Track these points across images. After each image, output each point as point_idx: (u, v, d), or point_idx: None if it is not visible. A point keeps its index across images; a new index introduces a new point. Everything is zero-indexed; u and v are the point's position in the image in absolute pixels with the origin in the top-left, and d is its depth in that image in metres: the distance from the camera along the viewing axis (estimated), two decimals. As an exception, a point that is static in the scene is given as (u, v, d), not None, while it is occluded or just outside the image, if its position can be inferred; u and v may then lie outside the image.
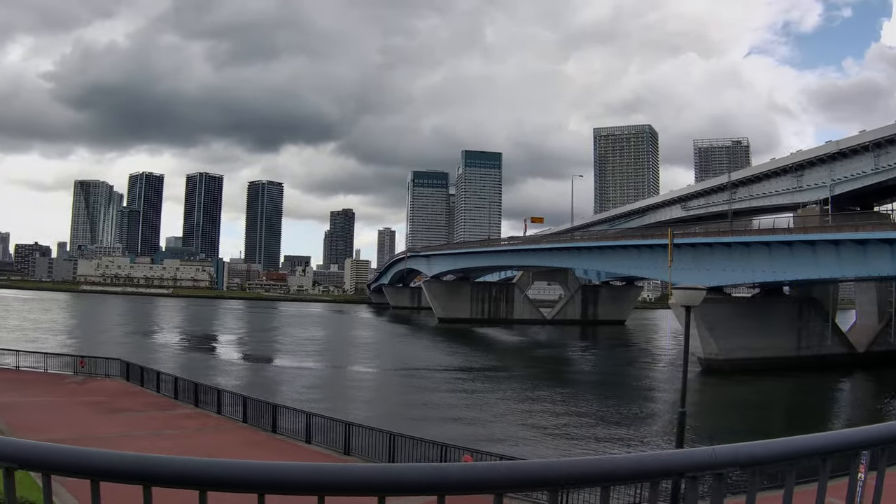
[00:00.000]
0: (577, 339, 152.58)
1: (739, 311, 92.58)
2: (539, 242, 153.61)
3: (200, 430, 39.99)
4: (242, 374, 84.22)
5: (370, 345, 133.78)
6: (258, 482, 3.11)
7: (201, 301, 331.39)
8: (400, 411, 57.98)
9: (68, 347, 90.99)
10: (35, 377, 57.15)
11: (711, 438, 51.26)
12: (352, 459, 32.94)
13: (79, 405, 45.64)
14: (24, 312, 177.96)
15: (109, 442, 33.98)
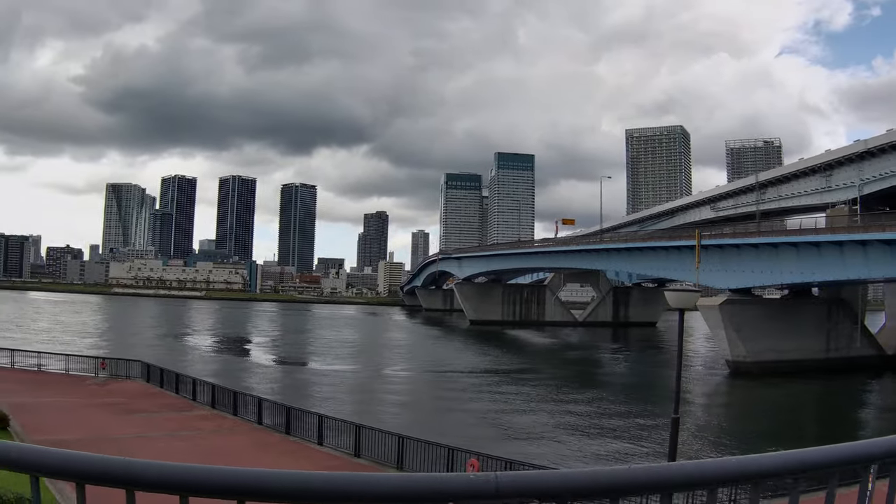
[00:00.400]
0: (608, 342, 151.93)
1: (767, 313, 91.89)
2: (568, 244, 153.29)
3: (215, 431, 40.35)
4: (276, 377, 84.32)
5: (402, 347, 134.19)
6: (179, 484, 3.23)
7: (234, 303, 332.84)
8: (431, 417, 58.12)
9: (96, 349, 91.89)
10: (56, 378, 57.72)
11: (730, 444, 51.23)
12: (361, 461, 33.48)
13: (96, 406, 46.13)
14: (53, 315, 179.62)
15: (123, 443, 34.32)
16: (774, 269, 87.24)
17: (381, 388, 77.65)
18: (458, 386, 78.48)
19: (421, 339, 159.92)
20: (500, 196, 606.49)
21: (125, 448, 32.77)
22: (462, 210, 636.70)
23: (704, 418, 63.13)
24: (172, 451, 33.48)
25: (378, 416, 55.37)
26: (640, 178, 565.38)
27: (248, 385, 71.65)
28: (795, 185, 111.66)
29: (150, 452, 32.74)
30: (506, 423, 56.36)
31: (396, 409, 62.24)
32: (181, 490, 3.23)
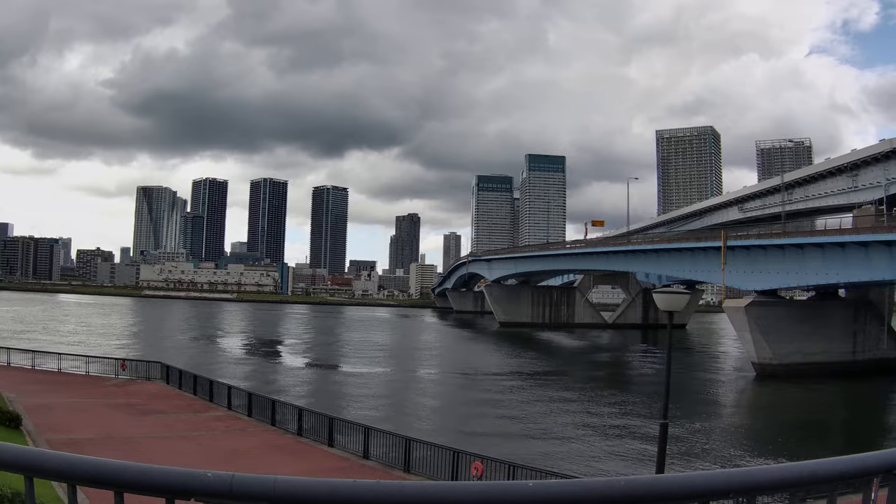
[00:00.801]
0: (638, 344, 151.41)
1: (794, 315, 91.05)
2: (595, 246, 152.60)
3: (226, 432, 40.56)
4: (308, 379, 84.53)
5: (432, 349, 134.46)
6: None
7: (265, 306, 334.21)
8: (461, 422, 57.60)
9: (124, 351, 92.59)
10: (75, 379, 58.10)
11: (753, 449, 50.89)
12: (370, 463, 33.49)
13: (111, 407, 46.42)
14: (81, 317, 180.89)
15: (133, 443, 34.95)
16: (800, 270, 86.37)
17: (412, 391, 77.58)
18: (487, 388, 78.24)
19: (450, 340, 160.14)
20: (531, 198, 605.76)
21: (135, 448, 33.55)
22: (494, 212, 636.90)
23: (729, 423, 62.54)
24: (178, 452, 33.76)
25: (407, 420, 55.72)
26: (670, 180, 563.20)
27: (279, 388, 72.26)
28: (822, 185, 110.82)
29: (157, 452, 33.50)
30: (531, 425, 56.23)
31: (426, 412, 62.31)
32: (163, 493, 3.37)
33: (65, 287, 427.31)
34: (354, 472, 31.50)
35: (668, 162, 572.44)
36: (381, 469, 32.31)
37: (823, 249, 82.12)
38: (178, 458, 32.77)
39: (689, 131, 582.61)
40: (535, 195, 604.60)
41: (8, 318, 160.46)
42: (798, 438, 53.10)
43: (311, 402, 60.68)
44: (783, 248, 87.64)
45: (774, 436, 54.82)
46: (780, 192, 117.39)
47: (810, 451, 45.24)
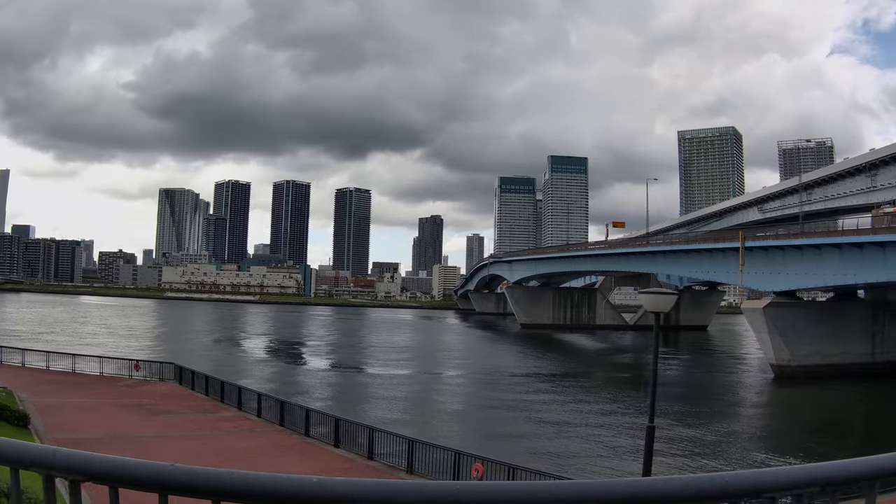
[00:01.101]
0: (665, 346, 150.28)
1: (812, 316, 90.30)
2: (614, 247, 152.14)
3: (233, 432, 40.74)
4: (332, 381, 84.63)
5: (453, 350, 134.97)
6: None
7: (288, 307, 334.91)
8: (482, 424, 58.03)
9: (142, 352, 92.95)
10: (89, 380, 58.35)
11: (771, 453, 50.59)
12: (374, 463, 33.54)
13: (121, 407, 46.60)
14: (102, 319, 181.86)
15: (140, 442, 35.05)
16: (818, 271, 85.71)
17: (433, 394, 77.39)
18: (507, 390, 77.94)
19: (472, 342, 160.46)
20: (553, 199, 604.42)
21: (140, 447, 33.58)
22: (516, 213, 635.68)
23: (743, 425, 62.14)
24: (183, 452, 33.98)
25: (429, 422, 55.85)
26: (692, 181, 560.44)
27: (302, 390, 72.66)
28: (841, 185, 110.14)
29: (162, 452, 33.61)
30: (550, 427, 56.18)
31: (448, 415, 62.18)
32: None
33: (86, 289, 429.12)
34: (358, 472, 31.60)
35: (691, 163, 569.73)
36: (384, 470, 32.36)
37: (841, 250, 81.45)
38: (181, 457, 31.72)
39: (710, 132, 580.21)
40: (558, 196, 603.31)
41: (27, 320, 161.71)
42: (812, 441, 52.62)
43: (333, 405, 61.72)
44: (801, 249, 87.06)
45: (789, 438, 54.61)
46: (798, 193, 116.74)
47: (825, 454, 44.95)
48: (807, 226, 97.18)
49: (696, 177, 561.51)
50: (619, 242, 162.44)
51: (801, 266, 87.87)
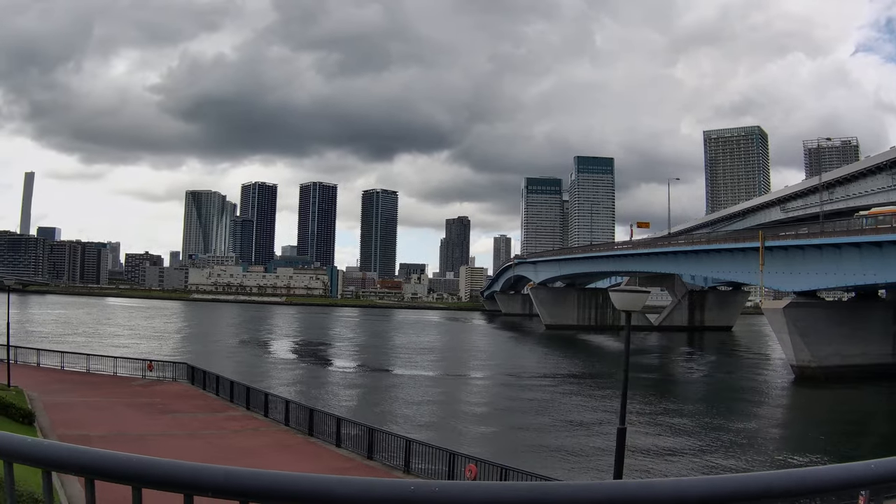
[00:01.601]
0: (683, 346, 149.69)
1: (832, 317, 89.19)
2: (636, 247, 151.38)
3: (238, 431, 41.09)
4: (358, 383, 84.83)
5: (478, 352, 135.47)
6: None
7: (315, 309, 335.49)
8: (509, 431, 57.43)
9: (165, 353, 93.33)
10: (102, 380, 58.98)
11: (782, 454, 50.16)
12: (373, 463, 33.84)
13: (131, 406, 47.06)
14: (127, 320, 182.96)
15: (143, 440, 35.68)
16: (838, 270, 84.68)
17: (458, 395, 77.24)
18: (530, 391, 77.92)
19: (496, 343, 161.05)
20: (580, 200, 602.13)
21: (143, 445, 34.11)
22: (543, 214, 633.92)
23: (763, 427, 61.40)
24: (185, 449, 34.42)
25: (454, 426, 55.85)
26: (718, 181, 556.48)
27: (330, 392, 73.35)
28: (863, 183, 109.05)
29: (163, 450, 33.64)
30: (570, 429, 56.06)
31: (471, 419, 61.76)
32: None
33: (112, 291, 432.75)
34: (358, 471, 31.90)
35: (716, 163, 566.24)
36: (382, 469, 32.74)
37: (860, 249, 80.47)
38: (180, 455, 32.51)
39: (736, 131, 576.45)
40: (584, 197, 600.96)
41: (50, 321, 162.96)
42: (831, 444, 52.06)
43: (360, 407, 63.00)
44: (820, 248, 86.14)
45: (804, 441, 54.02)
46: (823, 191, 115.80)
47: (840, 456, 44.56)
48: (826, 225, 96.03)
49: (721, 177, 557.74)
50: (641, 243, 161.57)
51: (820, 266, 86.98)
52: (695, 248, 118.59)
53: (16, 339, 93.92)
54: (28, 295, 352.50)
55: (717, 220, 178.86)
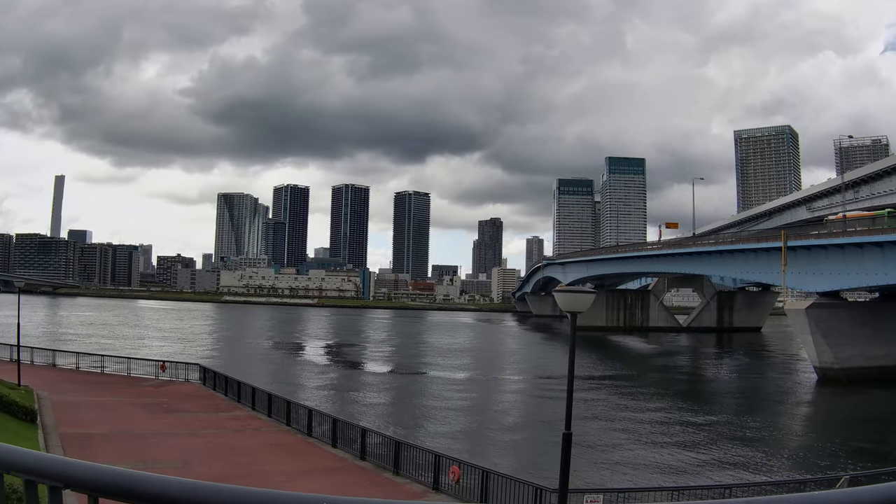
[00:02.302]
0: (712, 348, 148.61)
1: (855, 317, 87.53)
2: (660, 248, 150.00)
3: (239, 430, 41.41)
4: (391, 385, 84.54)
5: (510, 353, 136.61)
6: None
7: (347, 311, 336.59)
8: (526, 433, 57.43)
9: (187, 356, 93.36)
10: (115, 380, 59.35)
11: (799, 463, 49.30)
12: (366, 463, 34.07)
13: (137, 405, 47.26)
14: (156, 322, 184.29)
15: (143, 438, 36.47)
16: (860, 270, 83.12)
17: (482, 400, 75.88)
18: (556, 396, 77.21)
19: (525, 346, 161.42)
20: (611, 200, 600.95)
21: (141, 443, 35.27)
22: (575, 215, 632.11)
23: (782, 431, 60.20)
24: (180, 448, 35.20)
25: (479, 432, 55.83)
26: (749, 180, 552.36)
27: (361, 396, 73.24)
28: (888, 182, 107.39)
29: (160, 448, 35.03)
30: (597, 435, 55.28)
31: (497, 426, 60.91)
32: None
33: (143, 293, 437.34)
34: (347, 471, 32.58)
35: (747, 162, 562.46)
36: (373, 469, 32.98)
37: (882, 248, 78.96)
38: (175, 453, 34.25)
39: (766, 131, 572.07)
40: (616, 198, 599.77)
41: (76, 323, 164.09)
42: (851, 450, 50.98)
43: (391, 411, 63.57)
44: (843, 248, 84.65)
45: (826, 446, 52.99)
46: (848, 190, 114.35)
47: (859, 465, 43.78)
48: (849, 224, 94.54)
49: (752, 176, 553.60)
50: (665, 243, 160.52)
51: (843, 266, 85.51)
52: (718, 248, 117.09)
53: (37, 340, 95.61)
54: (58, 297, 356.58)
55: (744, 220, 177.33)
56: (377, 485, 30.62)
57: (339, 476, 32.05)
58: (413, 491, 29.68)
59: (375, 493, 29.18)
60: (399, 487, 30.22)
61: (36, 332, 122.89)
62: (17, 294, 71.06)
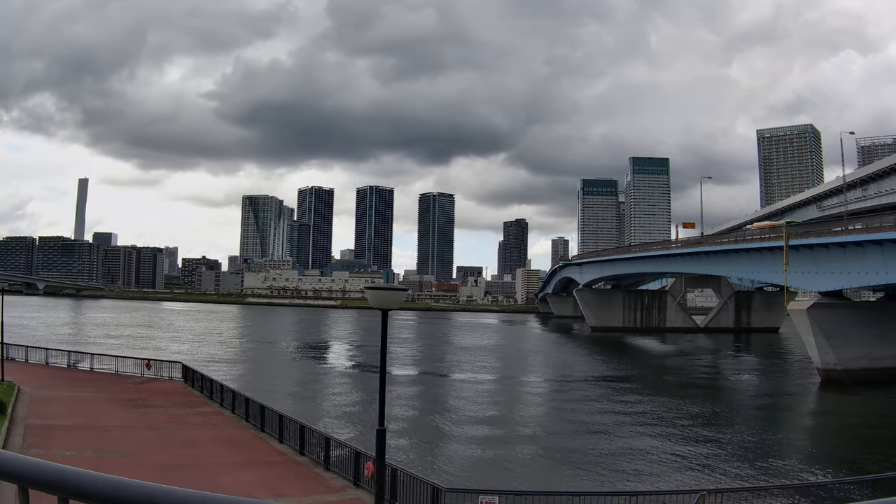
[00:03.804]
0: (729, 349, 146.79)
1: (859, 318, 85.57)
2: (669, 248, 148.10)
3: (199, 425, 42.54)
4: (415, 388, 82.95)
5: (523, 355, 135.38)
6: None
7: (370, 312, 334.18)
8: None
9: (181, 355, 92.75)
10: (102, 377, 61.51)
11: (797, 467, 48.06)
12: (303, 459, 34.76)
13: (112, 401, 48.83)
14: (173, 322, 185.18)
15: (103, 431, 38.20)
16: (861, 269, 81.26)
17: (504, 399, 75.93)
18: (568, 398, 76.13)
19: (540, 346, 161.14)
20: (636, 201, 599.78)
21: (99, 435, 37.19)
22: (599, 216, 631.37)
23: (758, 435, 58.34)
24: (135, 440, 36.50)
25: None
26: (772, 180, 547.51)
27: (388, 399, 71.58)
28: (894, 179, 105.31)
29: (116, 439, 36.62)
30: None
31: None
32: None
33: (167, 295, 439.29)
34: (283, 465, 33.57)
35: (770, 162, 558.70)
36: (308, 464, 33.79)
37: (882, 247, 77.08)
38: (129, 444, 35.57)
39: (788, 130, 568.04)
40: (640, 198, 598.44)
41: (89, 324, 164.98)
42: (851, 457, 49.54)
43: (411, 413, 63.33)
44: (844, 247, 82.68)
45: (835, 449, 51.64)
46: (856, 188, 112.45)
47: (807, 474, 42.68)
48: (849, 222, 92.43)
49: (775, 175, 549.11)
50: (669, 243, 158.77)
51: (844, 265, 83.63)
52: (724, 247, 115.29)
53: (40, 340, 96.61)
54: (81, 300, 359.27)
55: (757, 218, 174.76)
56: (303, 478, 31.28)
57: (273, 469, 32.76)
58: (336, 485, 30.23)
59: (298, 485, 30.03)
60: (323, 481, 30.94)
61: (44, 333, 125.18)
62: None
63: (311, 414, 52.85)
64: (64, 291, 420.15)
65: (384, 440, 20.84)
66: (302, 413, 46.25)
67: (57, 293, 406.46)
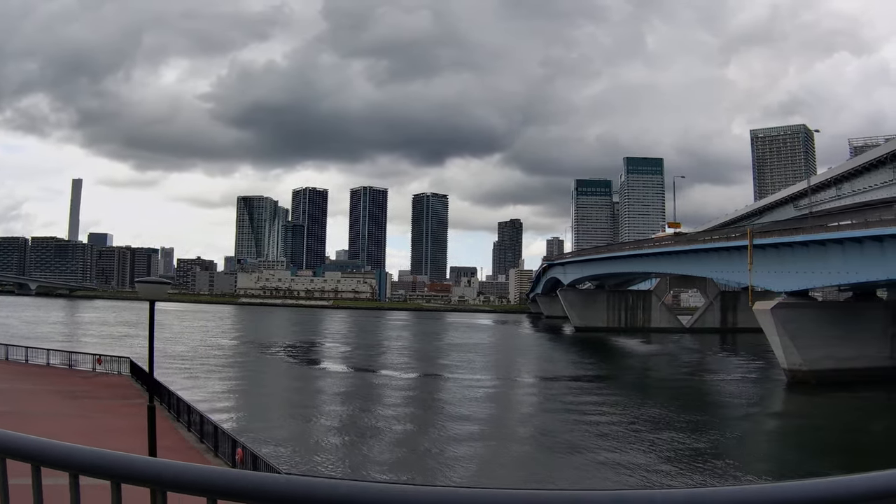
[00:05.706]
0: (714, 349, 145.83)
1: (824, 318, 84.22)
2: (640, 248, 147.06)
3: (124, 416, 42.97)
4: (409, 387, 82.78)
5: (502, 355, 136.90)
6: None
7: (361, 312, 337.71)
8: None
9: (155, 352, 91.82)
10: (55, 371, 64.07)
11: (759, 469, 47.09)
12: (201, 446, 36.69)
13: (55, 392, 50.44)
14: (163, 321, 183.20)
15: (28, 418, 37.82)
16: (823, 269, 79.97)
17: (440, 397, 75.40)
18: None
19: (524, 345, 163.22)
20: (630, 201, 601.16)
21: (23, 422, 34.55)
22: (593, 216, 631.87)
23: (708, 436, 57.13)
24: (60, 428, 35.83)
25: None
26: (766, 179, 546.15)
27: (382, 398, 72.58)
28: (868, 178, 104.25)
29: (39, 425, 34.78)
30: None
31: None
32: None
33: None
34: (182, 451, 34.38)
35: (764, 162, 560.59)
36: (203, 450, 35.51)
37: (843, 246, 75.69)
38: (50, 430, 34.03)
39: (782, 130, 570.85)
40: (634, 198, 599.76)
41: (71, 323, 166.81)
42: (813, 458, 48.96)
43: (410, 413, 63.14)
44: (807, 246, 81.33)
45: (787, 453, 50.87)
46: (829, 188, 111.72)
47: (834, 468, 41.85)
48: (813, 220, 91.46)
49: (769, 175, 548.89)
50: (638, 243, 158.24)
51: (808, 264, 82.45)
52: (694, 247, 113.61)
53: (18, 338, 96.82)
54: (74, 300, 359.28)
55: (736, 218, 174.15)
56: (186, 459, 30.44)
57: (170, 454, 30.87)
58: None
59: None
60: (205, 462, 31.09)
61: (24, 331, 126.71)
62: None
63: (238, 407, 56.13)
64: (57, 292, 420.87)
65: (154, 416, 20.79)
66: (235, 407, 50.53)
67: (50, 293, 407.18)
